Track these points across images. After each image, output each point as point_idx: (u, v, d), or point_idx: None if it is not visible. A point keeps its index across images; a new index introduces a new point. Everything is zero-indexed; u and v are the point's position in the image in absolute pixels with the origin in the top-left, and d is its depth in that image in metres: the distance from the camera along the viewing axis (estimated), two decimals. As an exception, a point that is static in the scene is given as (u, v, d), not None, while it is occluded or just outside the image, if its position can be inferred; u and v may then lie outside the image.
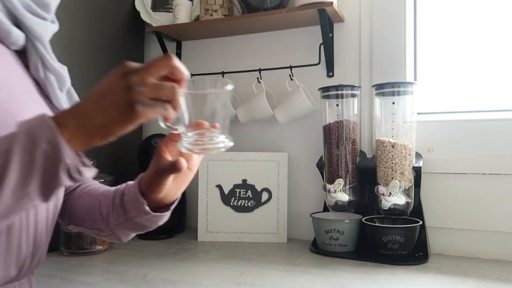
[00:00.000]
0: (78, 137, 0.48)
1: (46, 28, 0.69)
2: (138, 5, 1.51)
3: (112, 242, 1.21)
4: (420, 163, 1.13)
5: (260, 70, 1.37)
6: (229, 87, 0.56)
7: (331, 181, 1.18)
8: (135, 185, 0.67)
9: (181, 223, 1.43)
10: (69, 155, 0.48)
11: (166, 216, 0.74)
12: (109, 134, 0.50)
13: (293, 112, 1.28)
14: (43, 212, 0.64)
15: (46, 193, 0.49)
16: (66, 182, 0.49)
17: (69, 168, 0.48)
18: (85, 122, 0.48)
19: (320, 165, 1.25)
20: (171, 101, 0.50)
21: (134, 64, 0.51)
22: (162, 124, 0.55)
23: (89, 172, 0.51)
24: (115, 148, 1.42)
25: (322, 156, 1.25)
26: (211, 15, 1.36)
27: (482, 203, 1.13)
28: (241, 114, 1.33)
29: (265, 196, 1.31)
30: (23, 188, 0.47)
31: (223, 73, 1.43)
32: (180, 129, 0.56)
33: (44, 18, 0.68)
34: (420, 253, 1.09)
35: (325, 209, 1.24)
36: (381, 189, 1.09)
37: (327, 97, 1.22)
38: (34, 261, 0.66)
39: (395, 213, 1.11)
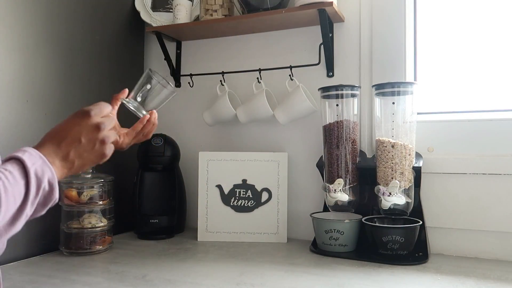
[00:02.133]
0: (61, 173, 0.64)
1: None
2: (138, 5, 1.51)
3: (111, 242, 1.22)
4: (420, 163, 1.13)
5: (260, 70, 1.37)
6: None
7: (331, 181, 1.18)
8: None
9: (181, 223, 1.43)
10: (57, 191, 0.62)
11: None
12: (83, 170, 0.68)
13: (293, 112, 1.28)
14: None
15: (32, 216, 0.61)
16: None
17: (56, 200, 0.63)
18: (67, 164, 0.64)
19: (320, 165, 1.25)
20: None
21: (98, 111, 0.68)
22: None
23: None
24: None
25: (322, 156, 1.25)
26: (211, 15, 1.36)
27: (482, 203, 1.13)
28: (241, 114, 1.33)
29: (265, 196, 1.31)
30: (23, 210, 0.58)
31: (223, 73, 1.43)
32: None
33: None
34: (420, 253, 1.09)
35: (325, 209, 1.24)
36: (381, 189, 1.09)
37: (327, 97, 1.22)
38: None
39: (395, 213, 1.11)
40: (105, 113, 0.69)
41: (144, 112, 0.85)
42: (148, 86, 0.86)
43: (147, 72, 0.86)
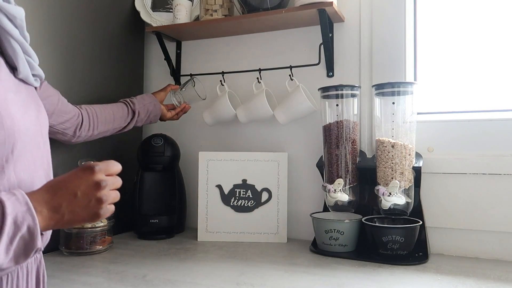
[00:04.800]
0: (46, 224, 0.60)
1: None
2: (138, 5, 1.51)
3: (111, 242, 1.22)
4: (420, 163, 1.13)
5: (260, 70, 1.37)
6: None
7: (331, 181, 1.18)
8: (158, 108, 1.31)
9: (181, 223, 1.43)
10: (39, 241, 0.59)
11: None
12: (72, 226, 0.64)
13: (293, 112, 1.28)
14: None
15: (15, 264, 0.59)
16: (29, 258, 0.60)
17: (37, 249, 0.59)
18: (56, 216, 0.60)
19: (320, 165, 1.25)
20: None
21: (104, 168, 0.64)
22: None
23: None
24: (115, 148, 1.42)
25: (322, 156, 1.25)
26: (211, 15, 1.36)
27: (482, 203, 1.13)
28: (241, 114, 1.33)
29: (265, 196, 1.31)
30: None
31: (223, 73, 1.43)
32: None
33: None
34: (420, 253, 1.09)
35: (325, 209, 1.24)
36: (381, 189, 1.09)
37: (327, 97, 1.22)
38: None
39: (395, 213, 1.11)
40: (111, 172, 0.65)
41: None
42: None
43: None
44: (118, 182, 0.67)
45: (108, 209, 0.64)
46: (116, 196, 0.66)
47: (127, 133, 1.30)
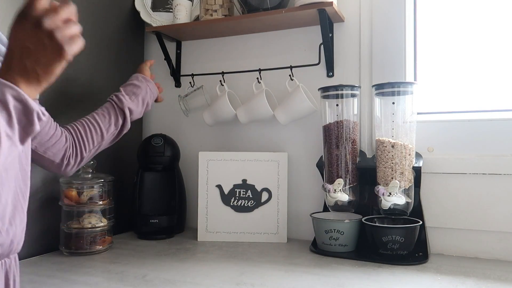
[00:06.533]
0: (31, 88, 0.58)
1: None
2: (138, 5, 1.51)
3: (111, 242, 1.22)
4: (420, 163, 1.13)
5: (260, 70, 1.37)
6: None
7: (331, 181, 1.18)
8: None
9: (181, 223, 1.43)
10: (32, 102, 0.57)
11: None
12: (51, 74, 0.59)
13: (294, 112, 1.28)
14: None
15: (25, 139, 0.58)
16: (38, 125, 0.59)
17: (38, 112, 0.58)
18: (31, 75, 0.58)
19: (320, 165, 1.25)
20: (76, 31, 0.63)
21: (33, 6, 0.58)
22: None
23: (45, 112, 0.61)
24: (115, 148, 1.42)
25: (322, 156, 1.25)
26: (211, 15, 1.36)
27: (482, 203, 1.13)
28: (241, 114, 1.33)
29: (265, 196, 1.31)
30: (10, 139, 0.56)
31: (223, 73, 1.43)
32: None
33: None
34: (420, 253, 1.09)
35: (325, 209, 1.24)
36: (381, 189, 1.09)
37: (327, 97, 1.22)
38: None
39: (395, 213, 1.11)
40: (44, 5, 0.58)
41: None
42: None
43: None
44: (70, 22, 0.61)
45: (68, 37, 0.60)
46: (75, 28, 0.62)
47: (127, 133, 1.30)
